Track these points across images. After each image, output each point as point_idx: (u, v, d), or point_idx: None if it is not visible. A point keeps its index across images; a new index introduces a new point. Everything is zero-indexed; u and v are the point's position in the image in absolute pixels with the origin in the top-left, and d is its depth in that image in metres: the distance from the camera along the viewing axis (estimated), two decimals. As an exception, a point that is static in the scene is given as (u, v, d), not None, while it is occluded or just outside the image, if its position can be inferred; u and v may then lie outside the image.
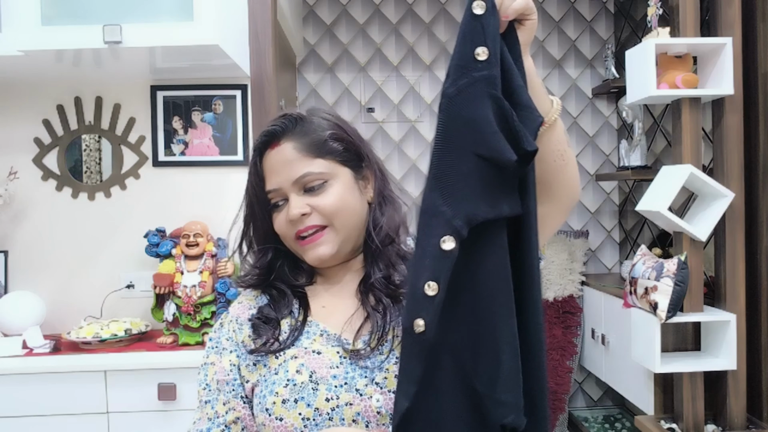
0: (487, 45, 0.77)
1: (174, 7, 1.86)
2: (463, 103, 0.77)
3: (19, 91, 2.29)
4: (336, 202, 0.92)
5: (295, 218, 0.92)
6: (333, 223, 0.93)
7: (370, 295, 0.93)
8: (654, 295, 2.21)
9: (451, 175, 0.77)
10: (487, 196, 0.76)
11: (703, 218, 2.25)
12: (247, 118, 2.29)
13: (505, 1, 0.78)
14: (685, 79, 2.22)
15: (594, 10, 3.51)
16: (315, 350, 0.89)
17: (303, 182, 0.92)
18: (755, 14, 2.33)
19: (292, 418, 0.85)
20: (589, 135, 3.52)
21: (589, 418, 3.37)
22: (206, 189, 2.30)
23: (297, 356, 0.89)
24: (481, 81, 0.77)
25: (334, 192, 0.93)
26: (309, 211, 0.92)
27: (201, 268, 2.09)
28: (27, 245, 2.29)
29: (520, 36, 0.82)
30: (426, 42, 3.47)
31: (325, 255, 0.93)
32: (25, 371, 1.90)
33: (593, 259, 3.54)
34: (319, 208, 0.92)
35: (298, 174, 0.92)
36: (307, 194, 0.92)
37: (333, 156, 0.94)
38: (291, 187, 0.92)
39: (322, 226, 0.92)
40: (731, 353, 2.22)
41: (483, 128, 0.76)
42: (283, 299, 0.96)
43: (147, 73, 2.25)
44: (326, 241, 0.93)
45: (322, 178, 0.92)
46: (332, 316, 0.94)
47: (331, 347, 0.90)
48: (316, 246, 0.93)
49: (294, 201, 0.92)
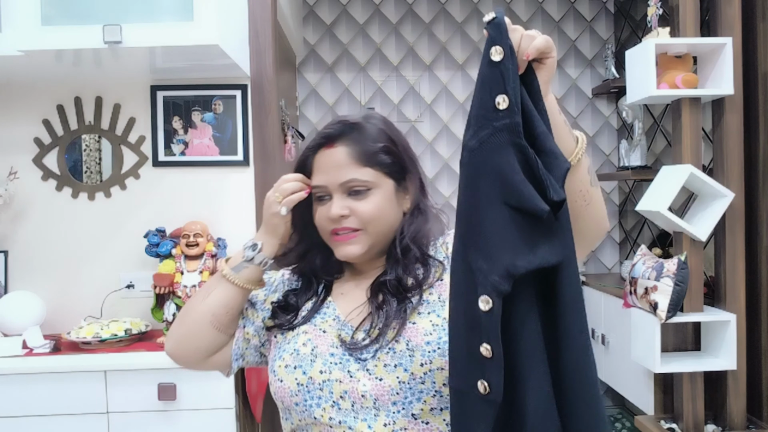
0: (507, 92, 0.74)
1: (174, 7, 1.86)
2: (486, 154, 0.76)
3: (19, 91, 2.29)
4: (374, 211, 1.00)
5: (335, 217, 0.99)
6: (367, 228, 1.00)
7: (379, 294, 1.00)
8: (654, 295, 2.21)
9: (483, 228, 0.76)
10: (524, 245, 0.74)
11: (703, 218, 2.25)
12: (247, 118, 2.29)
13: (523, 41, 0.77)
14: (685, 79, 2.22)
15: (594, 10, 3.51)
16: (322, 329, 1.00)
17: (348, 186, 0.99)
18: (755, 14, 2.33)
19: (289, 381, 0.96)
20: (589, 135, 3.52)
21: (589, 418, 3.36)
22: (206, 189, 2.30)
23: (307, 332, 1.00)
24: (503, 130, 0.75)
25: (374, 201, 1.00)
26: (348, 214, 0.99)
27: (201, 268, 2.09)
28: (27, 245, 2.29)
29: (539, 76, 0.79)
30: (426, 42, 3.47)
31: (354, 254, 1.01)
32: (25, 371, 1.90)
33: (593, 259, 3.54)
34: (358, 213, 0.99)
35: (346, 178, 0.99)
36: (350, 197, 0.99)
37: (380, 167, 1.01)
38: (337, 187, 0.99)
39: (357, 229, 1.00)
40: (731, 353, 2.22)
41: (510, 178, 0.74)
42: (309, 290, 1.07)
43: (147, 73, 2.25)
44: (357, 242, 1.00)
45: (366, 186, 1.00)
46: (347, 303, 1.04)
47: (336, 329, 1.00)
48: (347, 245, 1.01)
49: (337, 201, 1.00)
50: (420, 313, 0.97)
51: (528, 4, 3.48)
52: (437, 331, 0.95)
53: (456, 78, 3.47)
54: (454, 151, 3.44)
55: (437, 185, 3.44)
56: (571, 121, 3.50)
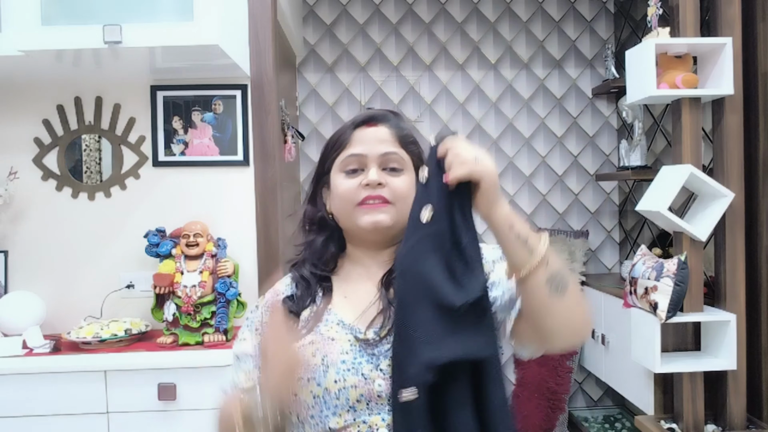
0: (431, 204, 0.91)
1: (174, 7, 1.86)
2: (414, 258, 0.90)
3: (19, 91, 2.29)
4: (405, 189, 1.02)
5: (373, 183, 1.01)
6: (396, 204, 1.02)
7: (391, 289, 1.00)
8: (654, 295, 2.21)
9: (411, 323, 0.87)
10: (447, 339, 0.85)
11: (703, 218, 2.25)
12: (247, 118, 2.29)
13: (453, 168, 0.90)
14: (685, 79, 2.22)
15: (594, 10, 3.51)
16: (330, 337, 0.99)
17: (387, 159, 1.03)
18: (755, 14, 2.33)
19: (305, 394, 0.96)
20: (589, 135, 3.52)
21: (589, 418, 3.37)
22: (206, 189, 2.30)
23: (314, 342, 0.99)
24: (427, 238, 0.90)
25: (406, 180, 1.04)
26: (384, 184, 1.02)
27: (201, 268, 2.09)
28: (27, 245, 2.29)
29: (479, 196, 0.91)
30: (426, 42, 3.47)
31: (383, 223, 1.01)
32: (25, 371, 1.90)
33: (593, 259, 3.54)
34: (392, 186, 1.02)
35: (388, 150, 1.03)
36: (384, 173, 1.03)
37: (411, 154, 1.06)
38: (375, 158, 1.03)
39: (388, 201, 1.02)
40: (731, 353, 2.22)
41: (432, 278, 0.87)
42: (308, 291, 1.06)
43: (147, 73, 2.25)
44: (388, 212, 1.02)
45: (401, 165, 1.04)
46: (351, 306, 1.03)
47: (344, 335, 0.99)
48: (378, 212, 1.01)
49: (374, 169, 1.02)
50: None
51: (528, 4, 3.48)
52: None
53: (456, 78, 3.47)
54: (454, 151, 3.44)
55: (437, 185, 3.44)
56: (571, 121, 3.50)
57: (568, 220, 3.51)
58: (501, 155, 3.48)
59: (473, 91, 3.47)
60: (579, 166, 3.52)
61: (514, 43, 3.48)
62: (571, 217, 3.52)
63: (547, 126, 3.50)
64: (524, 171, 3.49)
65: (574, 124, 3.51)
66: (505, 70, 3.48)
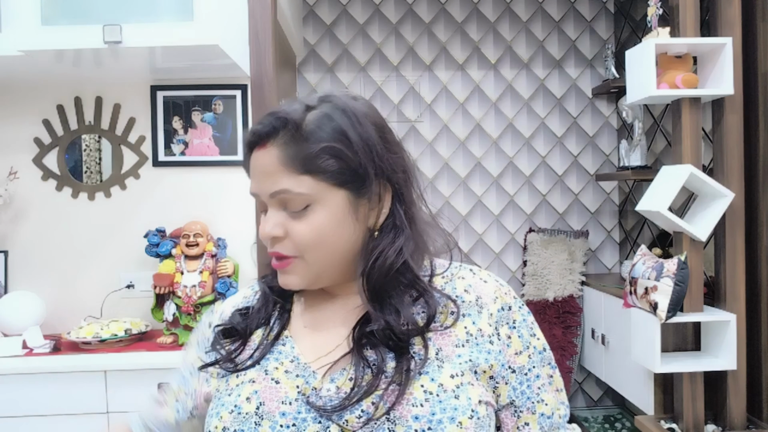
0: None
1: (174, 7, 1.86)
2: None
3: (19, 91, 2.29)
4: (311, 234, 0.76)
5: (265, 238, 0.78)
6: (304, 256, 0.77)
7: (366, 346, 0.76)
8: (654, 295, 2.21)
9: None
10: None
11: (703, 218, 2.25)
12: (247, 118, 2.29)
13: None
14: (685, 79, 2.22)
15: (594, 10, 3.51)
16: (275, 378, 0.78)
17: (281, 199, 0.77)
18: (755, 14, 2.33)
19: None
20: (589, 135, 3.52)
21: (589, 418, 3.37)
22: (206, 189, 2.30)
23: (255, 380, 0.78)
24: None
25: (313, 221, 0.76)
26: (282, 235, 0.77)
27: (201, 268, 2.09)
28: (27, 245, 2.29)
29: None
30: (426, 42, 3.46)
31: (292, 286, 0.79)
32: (25, 371, 1.90)
33: (593, 259, 3.54)
34: (293, 236, 0.77)
35: (275, 188, 0.76)
36: (287, 214, 0.77)
37: (323, 175, 0.76)
38: (269, 199, 0.77)
39: (291, 256, 0.78)
40: (731, 353, 2.22)
41: None
42: (263, 310, 0.85)
43: (147, 73, 2.25)
44: (294, 272, 0.78)
45: (304, 201, 0.76)
46: (311, 340, 0.81)
47: (293, 378, 0.77)
48: (284, 274, 0.79)
49: (271, 217, 0.78)
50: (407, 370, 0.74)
51: (528, 4, 3.48)
52: (430, 403, 0.72)
53: (456, 78, 3.47)
54: (454, 151, 3.44)
55: (437, 185, 3.44)
56: (571, 121, 3.50)
57: (568, 220, 3.51)
58: (501, 155, 3.48)
59: (473, 91, 3.47)
60: (579, 166, 3.52)
61: (514, 43, 3.48)
62: (571, 217, 3.52)
63: (547, 126, 3.50)
64: (524, 171, 3.49)
65: (574, 124, 3.51)
66: (505, 70, 3.48)
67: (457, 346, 0.76)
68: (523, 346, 0.80)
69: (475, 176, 3.46)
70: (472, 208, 3.46)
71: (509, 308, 0.81)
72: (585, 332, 3.31)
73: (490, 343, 0.77)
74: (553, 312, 3.28)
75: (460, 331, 0.77)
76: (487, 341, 0.77)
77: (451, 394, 0.72)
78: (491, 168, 3.47)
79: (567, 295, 3.28)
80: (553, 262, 3.32)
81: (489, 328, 0.78)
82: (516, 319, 0.81)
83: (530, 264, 3.38)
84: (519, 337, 0.80)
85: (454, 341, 0.76)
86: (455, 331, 0.77)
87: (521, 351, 0.80)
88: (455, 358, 0.75)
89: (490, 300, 0.80)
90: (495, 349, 0.77)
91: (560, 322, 3.28)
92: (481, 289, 0.81)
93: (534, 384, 0.80)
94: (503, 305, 0.80)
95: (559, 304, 3.28)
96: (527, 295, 3.35)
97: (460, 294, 0.80)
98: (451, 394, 0.72)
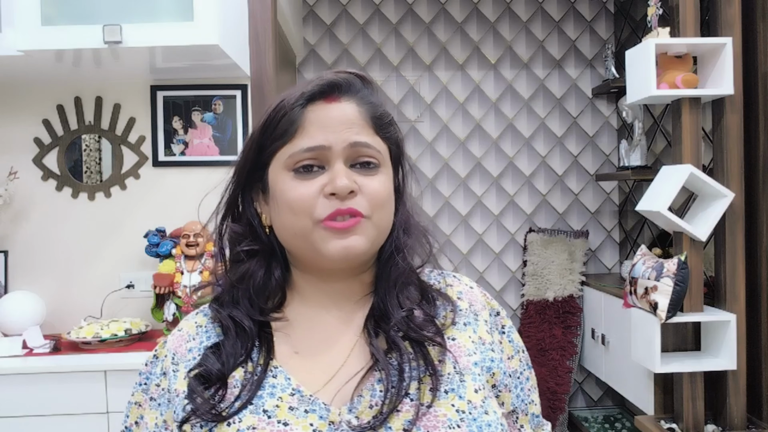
0: None
1: (174, 7, 1.86)
2: None
3: (19, 91, 2.29)
4: (384, 193, 0.71)
5: (343, 191, 0.68)
6: (372, 217, 0.70)
7: (382, 337, 0.69)
8: (654, 295, 2.21)
9: None
10: None
11: (703, 218, 2.25)
12: (247, 118, 2.29)
13: None
14: (685, 79, 2.22)
15: (594, 10, 3.51)
16: (281, 420, 0.65)
17: (359, 152, 0.70)
18: (755, 14, 2.33)
19: None
20: (589, 135, 3.52)
21: (589, 418, 3.36)
22: (206, 189, 2.29)
23: (255, 427, 0.65)
24: None
25: (383, 181, 0.71)
26: (357, 189, 0.69)
27: (201, 268, 2.09)
28: (27, 245, 2.29)
29: None
30: (426, 42, 3.46)
31: (358, 248, 0.69)
32: (25, 371, 1.90)
33: (593, 259, 3.54)
34: (367, 192, 0.69)
35: (357, 139, 0.70)
36: (354, 171, 0.70)
37: (389, 141, 0.74)
38: (341, 151, 0.69)
39: (360, 214, 0.69)
40: (731, 353, 2.22)
41: None
42: (240, 339, 0.71)
43: (147, 73, 2.25)
44: (361, 232, 0.69)
45: (378, 159, 0.71)
46: (308, 366, 0.70)
47: (303, 416, 0.66)
48: (349, 234, 0.68)
49: (341, 170, 0.69)
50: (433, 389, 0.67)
51: (528, 4, 3.48)
52: (466, 423, 0.66)
53: (456, 78, 3.47)
54: (454, 151, 3.44)
55: (437, 185, 3.44)
56: (571, 121, 3.50)
57: (568, 220, 3.51)
58: (501, 155, 3.48)
59: (473, 91, 3.47)
60: (579, 166, 3.52)
61: (514, 43, 3.48)
62: (571, 217, 3.51)
63: (547, 126, 3.50)
64: (524, 171, 3.49)
65: (574, 124, 3.51)
66: (505, 70, 3.48)
67: (468, 355, 0.73)
68: (514, 350, 0.80)
69: (475, 176, 3.46)
70: (472, 208, 3.46)
71: (497, 314, 0.80)
72: (585, 332, 3.31)
73: (491, 350, 0.75)
74: (553, 312, 3.28)
75: (466, 341, 0.74)
76: (489, 349, 0.75)
77: (481, 411, 0.68)
78: (491, 168, 3.46)
79: (567, 295, 3.28)
80: (553, 262, 3.32)
81: (487, 335, 0.76)
82: (505, 324, 0.80)
83: (530, 264, 3.38)
84: (509, 342, 0.80)
85: (465, 351, 0.73)
86: (462, 341, 0.73)
87: (512, 355, 0.79)
88: (472, 366, 0.72)
89: (481, 307, 0.78)
90: (496, 357, 0.75)
91: (560, 322, 3.28)
92: (470, 296, 0.79)
93: (525, 386, 0.80)
94: (491, 311, 0.79)
95: (559, 304, 3.28)
96: (527, 295, 3.35)
97: (454, 301, 0.77)
98: (481, 410, 0.68)
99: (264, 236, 0.75)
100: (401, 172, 0.78)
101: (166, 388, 0.73)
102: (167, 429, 0.71)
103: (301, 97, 0.70)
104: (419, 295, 0.74)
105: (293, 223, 0.70)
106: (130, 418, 0.76)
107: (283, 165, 0.70)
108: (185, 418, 0.67)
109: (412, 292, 0.74)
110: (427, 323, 0.71)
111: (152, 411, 0.73)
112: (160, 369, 0.75)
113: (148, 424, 0.73)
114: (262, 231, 0.75)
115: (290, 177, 0.70)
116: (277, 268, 0.75)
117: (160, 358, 0.76)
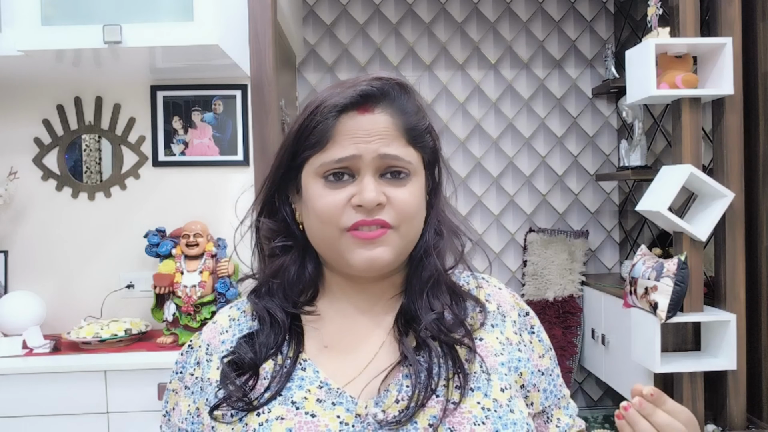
0: None
1: (174, 7, 1.86)
2: None
3: (19, 91, 2.29)
4: (413, 204, 0.72)
5: (370, 204, 0.69)
6: (400, 228, 0.71)
7: (411, 336, 0.71)
8: (654, 295, 2.21)
9: None
10: None
11: (703, 218, 2.25)
12: (247, 118, 2.29)
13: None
14: (685, 79, 2.22)
15: (594, 10, 3.51)
16: (309, 411, 0.68)
17: (388, 163, 0.71)
18: (755, 14, 2.33)
19: None
20: (589, 135, 3.52)
21: (589, 418, 3.37)
22: (206, 189, 2.30)
23: (284, 417, 0.67)
24: None
25: (413, 191, 0.72)
26: (385, 202, 0.70)
27: (201, 268, 2.09)
28: (27, 245, 2.29)
29: None
30: (426, 42, 3.46)
31: (383, 260, 0.71)
32: (25, 371, 1.90)
33: (593, 259, 3.54)
34: (396, 204, 0.71)
35: (388, 151, 0.71)
36: (384, 181, 0.71)
37: (423, 150, 0.75)
38: (371, 161, 0.70)
39: (388, 225, 0.70)
40: (731, 353, 2.22)
41: None
42: (273, 331, 0.74)
43: (147, 73, 2.25)
44: (389, 243, 0.71)
45: (408, 169, 0.72)
46: (336, 361, 0.73)
47: (331, 408, 0.68)
48: (375, 245, 0.70)
49: (369, 183, 0.70)
50: (460, 387, 0.69)
51: (528, 4, 3.48)
52: (491, 420, 0.68)
53: (456, 78, 3.47)
54: (454, 151, 3.44)
55: (437, 185, 3.45)
56: (571, 121, 3.50)
57: (568, 220, 3.51)
58: (501, 155, 3.48)
59: (473, 91, 3.47)
60: (579, 166, 3.52)
61: (514, 43, 3.48)
62: (571, 217, 3.52)
63: (547, 126, 3.50)
64: (524, 171, 3.49)
65: (574, 124, 3.51)
66: (505, 70, 3.48)
67: (495, 355, 0.74)
68: (544, 349, 0.81)
69: (475, 176, 3.46)
70: (472, 208, 3.46)
71: (527, 314, 0.82)
72: (585, 332, 3.31)
73: (519, 351, 0.76)
74: (553, 312, 3.28)
75: (493, 341, 0.75)
76: (516, 349, 0.76)
77: (506, 409, 0.70)
78: (491, 168, 3.47)
79: (567, 295, 3.28)
80: (553, 262, 3.32)
81: (515, 336, 0.77)
82: (534, 324, 0.82)
83: (530, 264, 3.38)
84: (540, 341, 0.81)
85: (492, 351, 0.74)
86: (489, 342, 0.75)
87: (543, 354, 0.80)
88: (499, 366, 0.73)
89: (509, 307, 0.80)
90: (524, 357, 0.76)
91: (560, 322, 3.28)
92: (499, 297, 0.80)
93: (557, 382, 0.81)
94: (520, 311, 0.81)
95: (559, 304, 3.28)
96: (527, 295, 3.35)
97: (483, 303, 0.79)
98: (506, 408, 0.70)
99: (298, 232, 0.78)
100: (437, 173, 0.79)
101: (199, 377, 0.76)
102: (199, 416, 0.74)
103: (335, 108, 0.71)
104: (449, 297, 0.76)
105: (321, 229, 0.72)
106: (169, 404, 0.80)
107: (315, 172, 0.72)
108: (217, 404, 0.70)
109: (442, 294, 0.75)
110: (456, 325, 0.73)
111: (186, 399, 0.76)
112: (195, 359, 0.78)
113: (182, 410, 0.76)
114: (296, 227, 0.78)
115: (321, 185, 0.72)
116: (310, 263, 0.78)
117: (195, 348, 0.79)
